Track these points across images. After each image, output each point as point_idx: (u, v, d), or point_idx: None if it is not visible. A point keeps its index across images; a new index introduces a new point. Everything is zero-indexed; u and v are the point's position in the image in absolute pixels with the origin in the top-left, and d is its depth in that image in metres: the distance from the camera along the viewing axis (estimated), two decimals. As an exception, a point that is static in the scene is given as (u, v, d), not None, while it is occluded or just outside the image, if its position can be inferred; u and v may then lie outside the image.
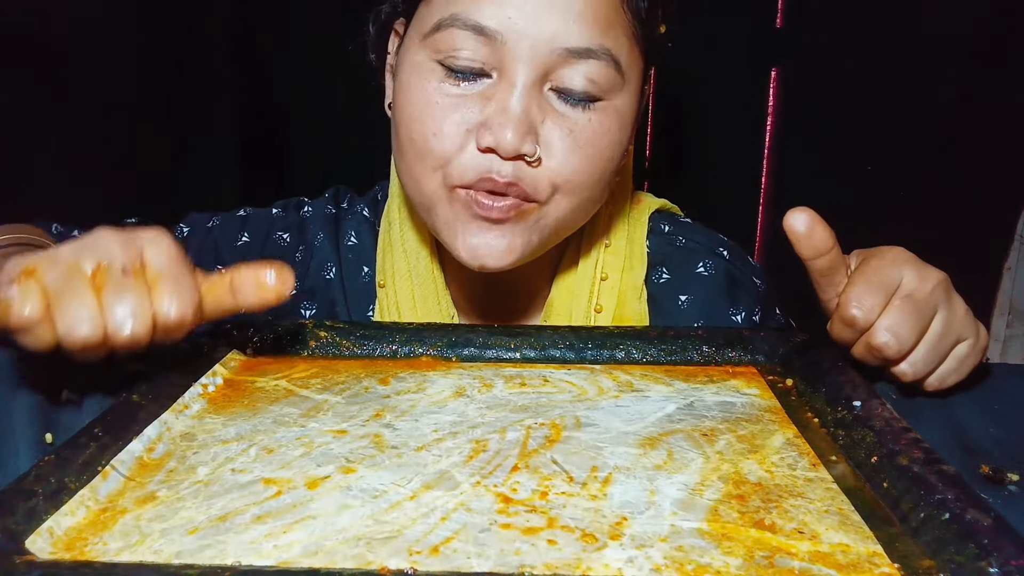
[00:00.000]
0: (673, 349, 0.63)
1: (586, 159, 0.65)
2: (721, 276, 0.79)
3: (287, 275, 0.53)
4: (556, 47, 0.62)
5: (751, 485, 0.43)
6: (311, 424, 0.51)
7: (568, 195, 0.66)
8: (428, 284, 0.78)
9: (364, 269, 0.81)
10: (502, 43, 0.62)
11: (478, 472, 0.44)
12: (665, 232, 0.81)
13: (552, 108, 0.64)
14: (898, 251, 0.58)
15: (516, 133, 0.61)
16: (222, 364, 0.59)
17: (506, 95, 0.62)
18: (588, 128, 0.64)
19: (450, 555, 0.37)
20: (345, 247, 0.82)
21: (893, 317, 0.55)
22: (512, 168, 0.63)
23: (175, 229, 0.84)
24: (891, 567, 0.36)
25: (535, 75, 0.63)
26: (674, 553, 0.37)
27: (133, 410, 0.49)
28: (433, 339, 0.64)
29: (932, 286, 0.56)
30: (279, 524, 0.39)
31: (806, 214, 0.57)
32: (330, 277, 0.81)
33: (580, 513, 0.40)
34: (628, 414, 0.53)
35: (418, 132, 0.65)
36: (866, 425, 0.48)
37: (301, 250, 0.82)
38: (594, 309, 0.77)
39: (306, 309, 0.81)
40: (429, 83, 0.64)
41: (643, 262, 0.79)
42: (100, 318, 0.47)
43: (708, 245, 0.81)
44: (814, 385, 0.56)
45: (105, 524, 0.40)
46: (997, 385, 0.61)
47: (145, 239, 0.50)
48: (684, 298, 0.78)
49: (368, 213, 0.83)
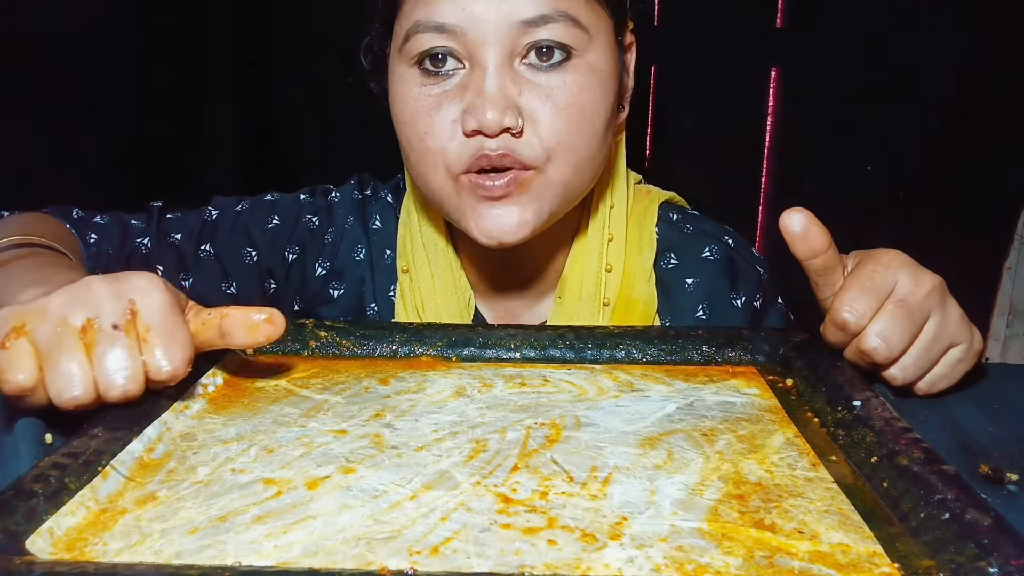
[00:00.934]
0: (673, 349, 0.63)
1: (571, 119, 0.67)
2: (724, 260, 0.81)
3: (278, 318, 0.52)
4: (513, 22, 0.65)
5: (751, 485, 0.43)
6: (311, 424, 0.51)
7: (563, 157, 0.68)
8: (445, 269, 0.81)
9: (387, 252, 0.85)
10: (463, 34, 0.66)
11: (478, 472, 0.44)
12: (673, 220, 0.84)
13: (526, 79, 0.67)
14: (894, 254, 0.58)
15: (495, 110, 0.65)
16: (222, 364, 0.59)
17: (480, 79, 0.66)
18: (565, 89, 0.67)
19: (450, 555, 0.37)
20: (372, 230, 0.85)
21: (884, 322, 0.55)
22: (500, 141, 0.66)
23: (203, 211, 0.85)
24: (891, 567, 0.36)
25: (502, 54, 0.66)
26: (674, 553, 0.37)
27: (133, 410, 0.49)
28: (433, 339, 0.64)
29: (926, 291, 0.56)
30: (279, 524, 0.39)
31: (802, 214, 0.57)
32: (360, 258, 0.85)
33: (580, 513, 0.40)
34: (628, 414, 0.53)
35: (413, 135, 0.69)
36: (866, 425, 0.48)
37: (331, 232, 0.85)
38: (602, 301, 0.79)
39: (335, 289, 0.84)
40: (412, 89, 0.69)
41: (652, 247, 0.82)
42: (91, 377, 0.47)
43: (714, 232, 0.84)
44: (814, 385, 0.56)
45: (105, 524, 0.40)
46: (996, 385, 0.61)
47: (136, 289, 0.49)
48: (690, 281, 0.81)
49: (391, 199, 0.87)
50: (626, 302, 0.79)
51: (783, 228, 0.58)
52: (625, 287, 0.80)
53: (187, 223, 0.85)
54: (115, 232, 0.82)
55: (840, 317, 0.56)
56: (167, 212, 0.86)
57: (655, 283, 0.81)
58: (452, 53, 0.67)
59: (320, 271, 0.84)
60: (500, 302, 0.83)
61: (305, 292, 0.84)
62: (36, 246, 0.70)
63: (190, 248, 0.84)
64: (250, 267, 0.84)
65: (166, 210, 0.86)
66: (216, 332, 0.52)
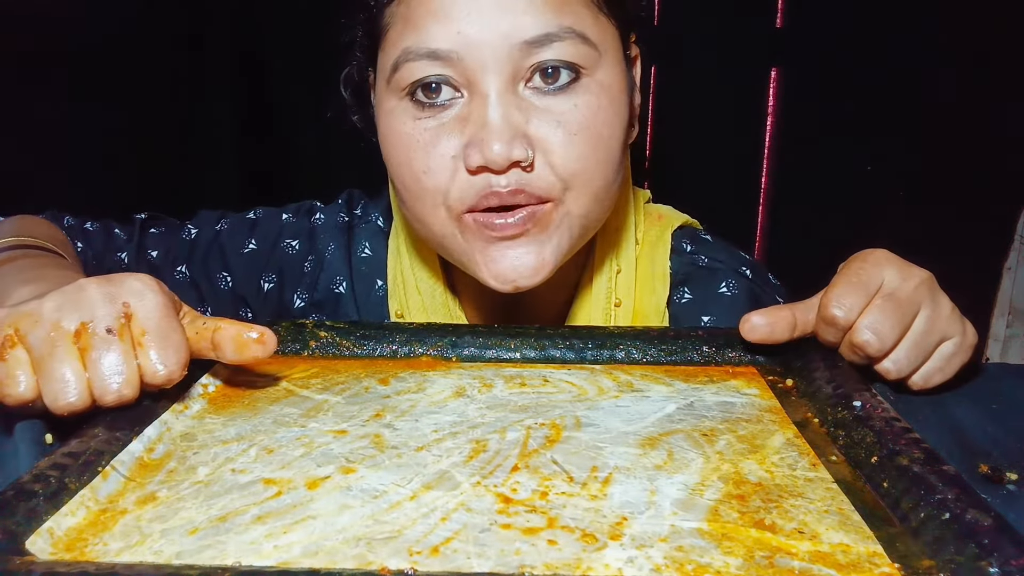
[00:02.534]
0: (673, 349, 0.63)
1: (586, 144, 0.62)
2: (744, 295, 0.77)
3: (270, 338, 0.51)
4: (515, 43, 0.59)
5: (751, 485, 0.43)
6: (311, 424, 0.51)
7: (582, 187, 0.63)
8: (444, 316, 0.76)
9: (377, 283, 0.79)
10: (460, 60, 0.60)
11: (478, 472, 0.44)
12: (687, 251, 0.79)
13: (533, 105, 0.61)
14: (881, 252, 0.58)
15: (502, 142, 0.59)
16: (222, 364, 0.59)
17: (482, 109, 0.60)
18: (576, 113, 0.61)
19: (450, 555, 0.37)
20: (358, 258, 0.80)
21: (874, 315, 0.55)
22: (511, 176, 0.61)
23: (183, 229, 0.83)
24: (891, 567, 0.36)
25: (504, 79, 0.60)
26: (674, 553, 0.37)
27: (133, 410, 0.49)
28: (433, 339, 0.64)
29: (915, 284, 0.56)
30: (279, 524, 0.39)
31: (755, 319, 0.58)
32: (340, 291, 0.79)
33: (580, 513, 0.40)
34: (628, 414, 0.53)
35: (409, 175, 0.63)
36: (866, 425, 0.48)
37: (311, 260, 0.80)
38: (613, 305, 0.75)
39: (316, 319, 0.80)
40: (405, 124, 0.63)
41: (665, 285, 0.76)
42: (85, 383, 0.46)
43: (731, 264, 0.79)
44: (814, 385, 0.56)
45: (105, 524, 0.40)
46: (996, 385, 0.61)
47: (131, 291, 0.48)
48: (707, 319, 0.76)
49: (382, 223, 0.81)
50: None
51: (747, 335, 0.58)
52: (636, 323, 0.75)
53: (165, 240, 0.82)
54: (99, 241, 0.81)
55: (829, 313, 0.56)
56: (150, 226, 0.83)
57: (668, 319, 0.76)
58: (448, 82, 0.61)
59: (299, 302, 0.80)
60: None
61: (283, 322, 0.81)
62: (31, 247, 0.70)
63: (167, 267, 0.81)
64: (224, 292, 0.81)
65: (149, 223, 0.83)
66: (208, 344, 0.51)
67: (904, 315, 0.56)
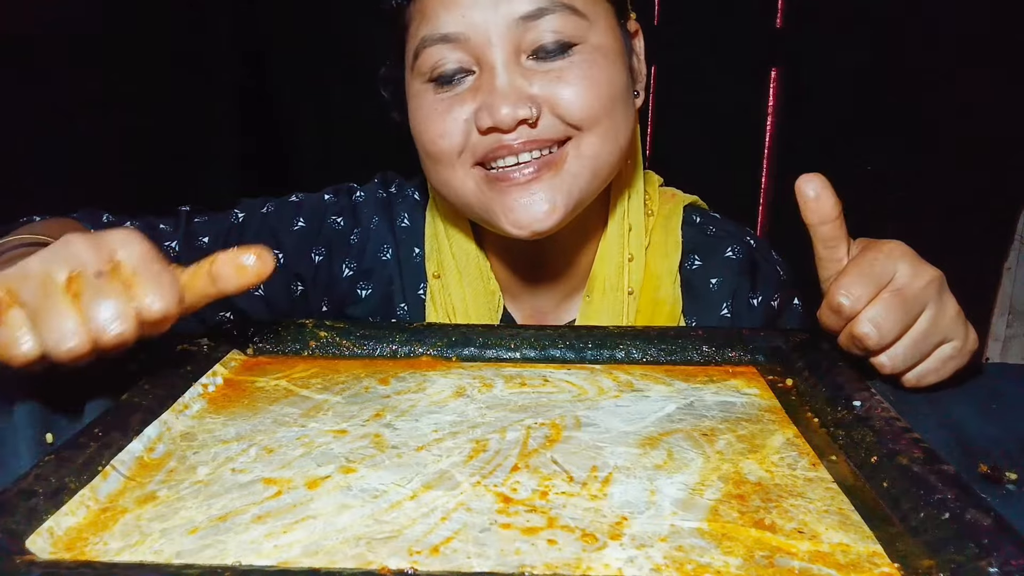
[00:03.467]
0: (673, 349, 0.63)
1: (587, 91, 0.68)
2: (745, 260, 0.83)
3: (267, 256, 0.52)
4: (512, 20, 0.67)
5: (751, 485, 0.43)
6: (311, 424, 0.51)
7: (590, 127, 0.69)
8: (475, 276, 0.82)
9: (415, 250, 0.85)
10: (467, 40, 0.68)
11: (478, 472, 0.44)
12: (697, 223, 0.85)
13: (536, 71, 0.69)
14: (896, 244, 0.59)
15: (508, 103, 0.66)
16: (222, 364, 0.59)
17: (491, 79, 0.68)
18: (574, 67, 0.69)
19: (450, 555, 0.37)
20: (399, 228, 0.86)
21: (878, 309, 0.56)
22: (519, 133, 0.68)
23: (230, 215, 0.86)
24: (891, 567, 0.36)
25: (508, 51, 0.68)
26: (674, 553, 0.37)
27: (133, 410, 0.49)
28: (433, 339, 0.64)
29: (924, 283, 0.57)
30: (279, 524, 0.39)
31: (817, 180, 0.59)
32: (387, 258, 0.85)
33: (580, 513, 0.40)
34: (628, 414, 0.53)
35: (428, 141, 0.71)
36: (866, 425, 0.48)
37: (357, 232, 0.85)
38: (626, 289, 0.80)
39: (363, 289, 0.85)
40: (426, 100, 0.71)
41: (677, 250, 0.83)
42: (84, 326, 0.47)
43: (736, 233, 0.85)
44: (814, 385, 0.56)
45: (105, 524, 0.40)
46: (996, 385, 0.61)
47: (115, 240, 0.50)
48: (714, 281, 0.82)
49: (419, 196, 0.87)
50: (653, 303, 0.80)
51: (798, 191, 0.59)
52: (651, 288, 0.81)
53: (214, 227, 0.85)
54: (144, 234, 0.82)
55: (836, 300, 0.56)
56: (195, 216, 0.86)
57: (680, 284, 0.82)
58: (461, 64, 0.69)
59: (347, 272, 0.85)
60: (529, 301, 0.83)
61: (333, 293, 0.85)
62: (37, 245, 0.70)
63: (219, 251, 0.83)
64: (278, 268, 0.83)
65: (194, 214, 0.86)
66: (207, 279, 0.52)
67: (908, 312, 0.56)
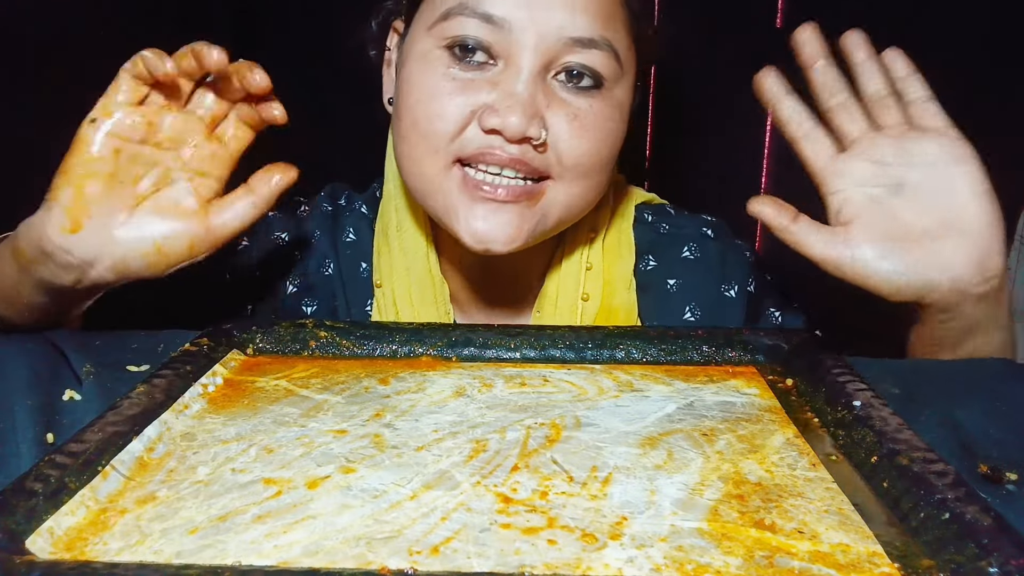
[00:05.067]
0: (673, 349, 0.63)
1: (591, 142, 0.67)
2: (709, 257, 0.81)
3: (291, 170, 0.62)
4: (562, 36, 0.65)
5: (751, 485, 0.43)
6: (311, 424, 0.51)
7: (577, 179, 0.68)
8: (425, 281, 0.78)
9: (362, 265, 0.82)
10: (509, 31, 0.64)
11: (478, 472, 0.44)
12: (649, 221, 0.83)
13: (556, 95, 0.66)
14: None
15: (523, 116, 0.63)
16: (222, 364, 0.59)
17: (512, 80, 0.65)
18: (591, 113, 0.67)
19: (450, 555, 0.37)
20: (343, 243, 0.83)
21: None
22: (519, 150, 0.65)
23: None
24: (891, 567, 0.36)
25: (541, 63, 0.65)
26: (674, 553, 0.37)
27: (133, 410, 0.49)
28: (433, 339, 0.64)
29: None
30: (279, 524, 0.39)
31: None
32: (328, 273, 0.82)
33: (580, 513, 0.40)
34: (628, 414, 0.53)
35: (422, 114, 0.66)
36: (866, 425, 0.48)
37: (300, 248, 0.83)
38: (580, 298, 0.78)
39: (307, 306, 0.82)
40: (436, 69, 0.66)
41: (631, 252, 0.81)
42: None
43: (691, 229, 0.83)
44: (814, 385, 0.56)
45: (105, 524, 0.40)
46: (997, 385, 0.61)
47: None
48: (672, 282, 0.80)
49: (366, 210, 0.84)
50: (607, 311, 0.78)
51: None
52: (606, 295, 0.79)
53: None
54: None
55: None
56: None
57: (636, 288, 0.80)
58: (489, 48, 0.65)
59: (292, 288, 0.82)
60: (477, 316, 0.81)
61: (279, 310, 0.82)
62: None
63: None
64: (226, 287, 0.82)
65: None
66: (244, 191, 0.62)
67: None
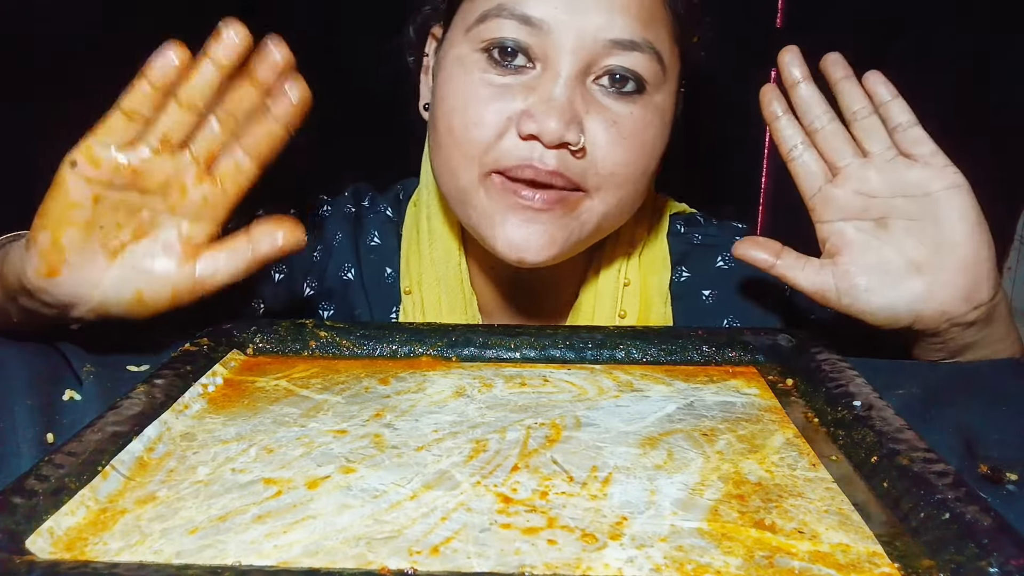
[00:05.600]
0: (673, 349, 0.63)
1: (630, 150, 0.65)
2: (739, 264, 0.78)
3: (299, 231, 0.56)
4: (601, 39, 0.63)
5: (751, 485, 0.43)
6: (311, 424, 0.51)
7: (614, 189, 0.66)
8: (455, 290, 0.76)
9: (387, 270, 0.80)
10: (547, 33, 0.62)
11: (478, 472, 0.44)
12: (681, 232, 0.81)
13: (595, 100, 0.64)
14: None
15: (560, 121, 0.61)
16: (222, 364, 0.59)
17: (550, 84, 0.63)
18: (631, 120, 0.65)
19: (450, 555, 0.37)
20: (366, 247, 0.80)
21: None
22: (556, 157, 0.63)
23: None
24: (891, 567, 0.36)
25: (580, 66, 0.63)
26: (674, 553, 0.37)
27: (133, 410, 0.49)
28: (433, 339, 0.64)
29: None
30: (279, 524, 0.39)
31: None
32: (348, 278, 0.79)
33: (580, 513, 0.40)
34: (628, 414, 0.53)
35: (459, 122, 0.65)
36: (866, 425, 0.48)
37: (319, 250, 0.80)
38: (618, 315, 0.76)
39: (324, 310, 0.80)
40: (472, 74, 0.65)
41: (666, 266, 0.79)
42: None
43: (723, 239, 0.80)
44: (814, 385, 0.56)
45: (105, 524, 0.40)
46: (997, 385, 0.61)
47: None
48: (707, 293, 0.78)
49: (391, 213, 0.82)
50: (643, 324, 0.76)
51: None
52: (643, 311, 0.77)
53: None
54: None
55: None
56: None
57: (671, 301, 0.78)
58: (527, 51, 0.63)
59: (308, 291, 0.80)
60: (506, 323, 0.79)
61: (294, 314, 0.79)
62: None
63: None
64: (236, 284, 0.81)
65: None
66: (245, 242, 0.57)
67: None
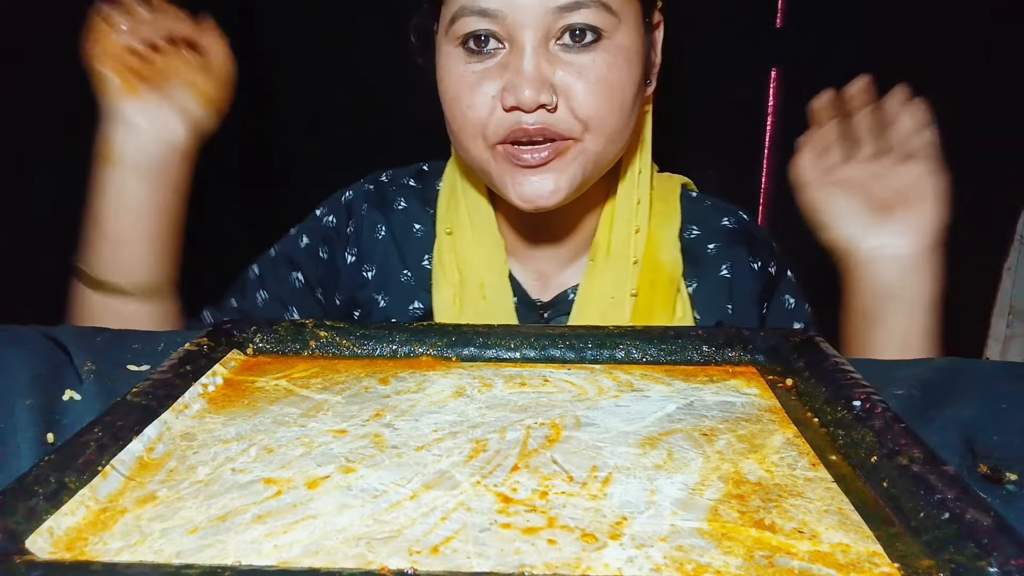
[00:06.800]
0: (673, 349, 0.63)
1: (600, 93, 0.74)
2: (741, 230, 0.90)
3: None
4: (549, 7, 0.72)
5: (751, 485, 0.43)
6: (311, 424, 0.51)
7: (597, 129, 0.75)
8: (486, 230, 0.87)
9: (416, 226, 0.90)
10: (504, 18, 0.72)
11: (478, 472, 0.44)
12: (693, 197, 0.93)
13: (560, 59, 0.73)
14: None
15: (532, 88, 0.71)
16: (222, 364, 0.59)
17: (518, 59, 0.72)
18: (594, 67, 0.73)
19: (450, 555, 0.37)
20: (395, 211, 0.91)
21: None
22: (537, 117, 0.73)
23: (248, 272, 0.92)
24: (891, 567, 0.36)
25: (539, 36, 0.72)
26: (674, 553, 0.37)
27: (133, 410, 0.49)
28: (433, 339, 0.64)
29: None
30: (279, 524, 0.39)
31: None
32: (380, 236, 0.90)
33: (580, 513, 0.40)
34: (628, 414, 0.53)
35: (456, 109, 0.76)
36: (866, 425, 0.48)
37: (352, 223, 0.90)
38: (634, 230, 0.85)
39: (367, 271, 0.89)
40: (457, 67, 0.75)
41: (676, 219, 0.89)
42: None
43: (729, 207, 0.93)
44: (814, 385, 0.56)
45: (105, 524, 0.40)
46: (997, 385, 0.61)
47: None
48: (712, 246, 0.88)
49: (414, 183, 0.93)
50: (654, 264, 0.85)
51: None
52: (652, 251, 0.86)
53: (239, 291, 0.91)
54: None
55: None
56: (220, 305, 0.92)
57: (680, 250, 0.87)
58: (494, 35, 0.73)
59: (351, 259, 0.90)
60: (532, 264, 0.88)
61: (344, 283, 0.89)
62: None
63: (251, 303, 0.91)
64: (301, 291, 0.91)
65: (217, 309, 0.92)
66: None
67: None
